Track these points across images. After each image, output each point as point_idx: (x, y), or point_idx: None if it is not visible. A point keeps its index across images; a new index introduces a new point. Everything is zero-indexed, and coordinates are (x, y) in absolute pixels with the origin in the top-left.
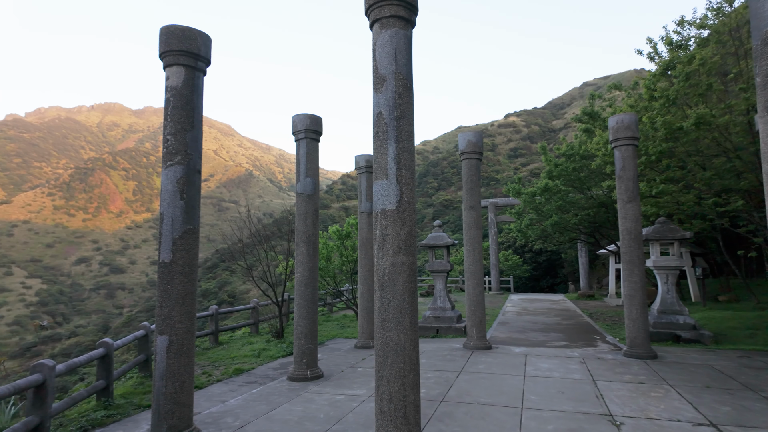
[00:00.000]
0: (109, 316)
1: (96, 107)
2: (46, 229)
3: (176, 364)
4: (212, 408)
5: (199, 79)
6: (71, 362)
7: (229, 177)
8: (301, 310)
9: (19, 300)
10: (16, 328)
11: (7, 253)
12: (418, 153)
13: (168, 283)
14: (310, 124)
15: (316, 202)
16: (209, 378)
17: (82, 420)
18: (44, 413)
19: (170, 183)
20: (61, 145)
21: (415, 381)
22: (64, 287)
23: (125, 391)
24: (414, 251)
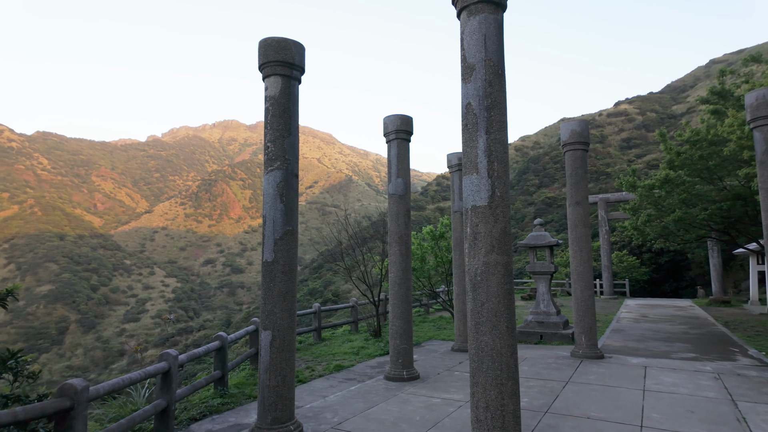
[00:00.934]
0: (231, 312)
1: (217, 125)
2: (179, 235)
3: (278, 358)
4: (313, 403)
5: (294, 88)
6: (191, 353)
7: (331, 183)
8: (395, 310)
9: (160, 296)
10: (158, 321)
11: (151, 255)
12: (517, 149)
13: (270, 281)
14: (400, 125)
15: (408, 202)
16: (312, 373)
17: (201, 406)
18: (170, 397)
19: (271, 187)
20: (190, 160)
21: (514, 389)
22: (195, 285)
23: (238, 382)
24: (509, 250)
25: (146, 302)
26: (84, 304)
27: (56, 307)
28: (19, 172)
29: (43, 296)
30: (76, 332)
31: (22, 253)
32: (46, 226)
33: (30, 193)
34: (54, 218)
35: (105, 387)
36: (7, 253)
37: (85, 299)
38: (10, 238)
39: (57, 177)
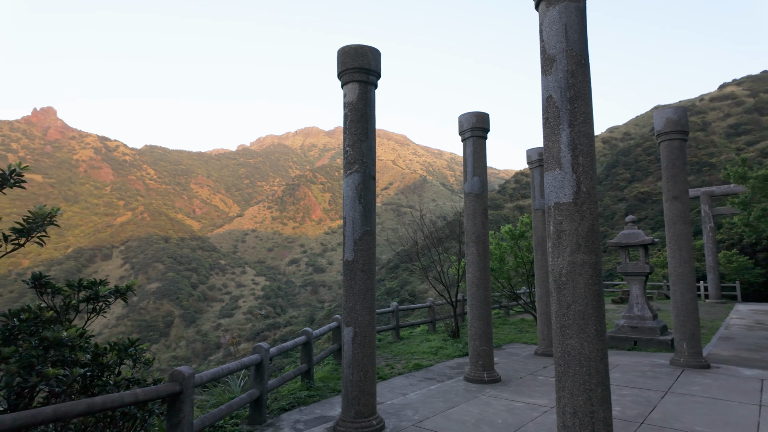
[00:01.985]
0: (314, 309)
1: (299, 132)
2: (267, 236)
3: (360, 354)
4: (394, 400)
5: (371, 92)
6: (281, 346)
7: (405, 184)
8: (474, 311)
9: (250, 294)
10: (249, 317)
11: (242, 256)
12: (605, 141)
13: (351, 279)
14: (476, 122)
15: (485, 201)
16: (392, 370)
17: (290, 397)
18: (263, 387)
19: (350, 189)
20: (276, 167)
21: (605, 396)
22: (281, 284)
23: (323, 376)
24: (597, 249)
25: (239, 299)
26: (186, 300)
27: (163, 303)
28: (131, 182)
29: (152, 293)
30: (179, 326)
31: (135, 254)
32: (153, 230)
33: (140, 200)
34: (160, 223)
35: (207, 375)
36: (123, 254)
37: (187, 296)
38: (125, 240)
39: (162, 185)
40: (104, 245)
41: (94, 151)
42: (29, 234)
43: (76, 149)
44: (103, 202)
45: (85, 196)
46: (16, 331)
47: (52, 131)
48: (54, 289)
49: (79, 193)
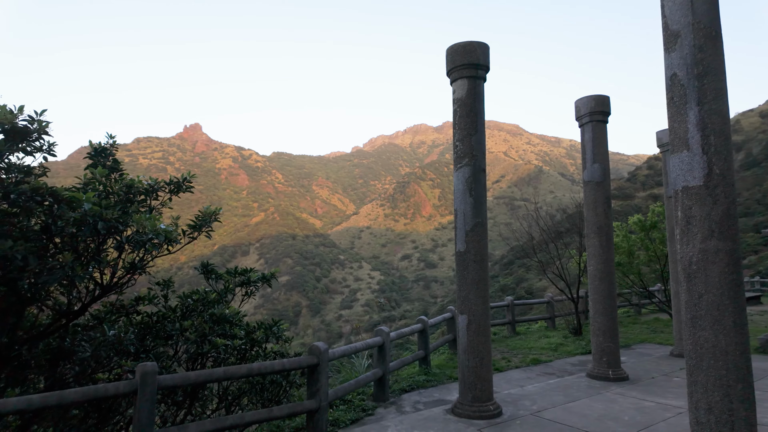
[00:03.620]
0: (427, 304)
1: (408, 130)
2: (380, 233)
3: (475, 341)
4: (511, 390)
5: (480, 87)
6: (399, 331)
7: (519, 176)
8: (596, 306)
9: (367, 287)
10: (367, 309)
11: (359, 251)
12: (763, 116)
13: (464, 269)
14: (594, 106)
15: (607, 189)
16: (508, 363)
17: (409, 380)
18: (385, 368)
19: (461, 183)
20: (387, 166)
21: (747, 394)
22: (395, 278)
23: (439, 363)
24: (735, 236)
25: (357, 292)
26: (311, 292)
27: (292, 294)
28: (263, 186)
29: (283, 285)
30: (306, 315)
31: (268, 250)
32: (283, 228)
33: (271, 202)
34: (288, 222)
35: (338, 351)
36: (258, 251)
37: (312, 288)
38: (260, 238)
39: (288, 188)
40: (243, 243)
41: (232, 160)
42: (200, 229)
43: (218, 159)
44: (241, 204)
45: (226, 200)
46: (190, 309)
47: (199, 144)
48: (216, 275)
49: (222, 198)
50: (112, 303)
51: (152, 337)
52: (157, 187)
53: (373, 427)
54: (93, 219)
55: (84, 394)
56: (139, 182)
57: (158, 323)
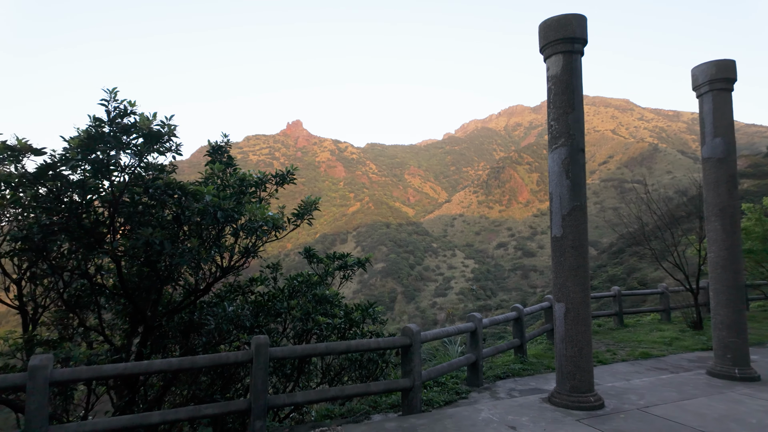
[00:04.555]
0: (525, 294)
1: (502, 113)
2: (474, 220)
3: (573, 330)
4: (615, 383)
5: (576, 62)
6: (492, 318)
7: (630, 156)
8: (718, 297)
9: (461, 275)
10: (461, 297)
11: (451, 239)
12: None
13: (560, 255)
14: (715, 73)
15: (731, 166)
16: (614, 356)
17: (504, 367)
18: (478, 353)
19: (556, 164)
20: (479, 151)
21: None
22: (490, 267)
23: (536, 353)
24: None
25: (451, 280)
26: (406, 279)
27: (387, 281)
28: (358, 177)
29: (378, 272)
30: (401, 301)
31: (364, 238)
32: (377, 217)
33: (366, 192)
34: (382, 211)
35: (431, 334)
36: (355, 239)
37: (406, 275)
38: (356, 227)
39: (382, 178)
40: (341, 231)
41: (330, 153)
42: (302, 216)
43: (317, 153)
44: (338, 195)
45: (325, 191)
46: (296, 290)
47: (300, 139)
48: (318, 259)
49: (321, 189)
50: (230, 283)
51: (264, 314)
52: (265, 179)
53: (466, 410)
54: (213, 209)
55: (210, 360)
56: (249, 176)
57: (269, 302)
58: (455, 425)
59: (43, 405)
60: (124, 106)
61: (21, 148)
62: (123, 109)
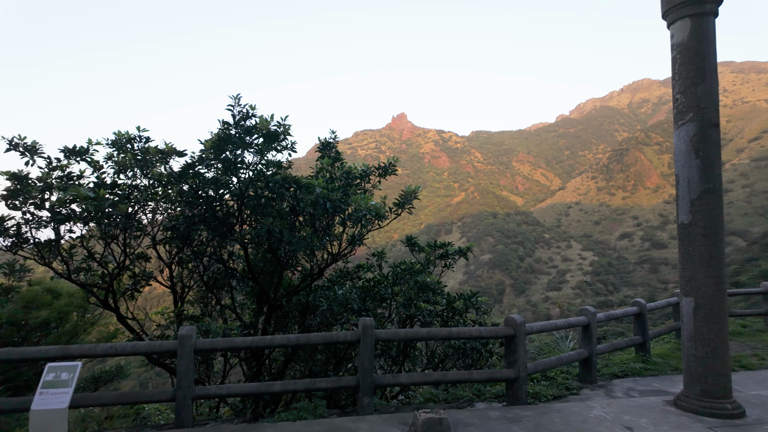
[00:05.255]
0: (654, 290)
1: (625, 89)
2: (592, 209)
3: (704, 328)
4: (761, 391)
5: (707, 25)
6: (609, 313)
7: None
8: None
9: (578, 268)
10: (578, 291)
11: (566, 229)
12: None
13: (688, 244)
14: None
15: None
16: (761, 362)
17: (622, 366)
18: (591, 349)
19: (683, 143)
20: (598, 132)
21: None
22: (612, 260)
23: (662, 352)
24: None
25: (565, 273)
26: (515, 271)
27: (495, 273)
28: (463, 166)
29: (485, 263)
30: (510, 294)
31: (469, 228)
32: (483, 207)
33: (471, 181)
34: (488, 200)
35: (537, 326)
36: (460, 230)
37: (515, 267)
38: (461, 217)
39: (488, 166)
40: (446, 222)
41: (433, 144)
42: (403, 206)
43: (421, 144)
44: (443, 185)
45: (430, 182)
46: (399, 277)
47: (405, 132)
48: (419, 247)
49: (426, 180)
50: (340, 269)
51: (371, 299)
52: (369, 171)
53: (576, 406)
54: (323, 200)
55: (323, 338)
56: (354, 168)
57: (375, 287)
58: (563, 420)
59: (189, 368)
60: (246, 110)
61: (168, 151)
62: (245, 112)
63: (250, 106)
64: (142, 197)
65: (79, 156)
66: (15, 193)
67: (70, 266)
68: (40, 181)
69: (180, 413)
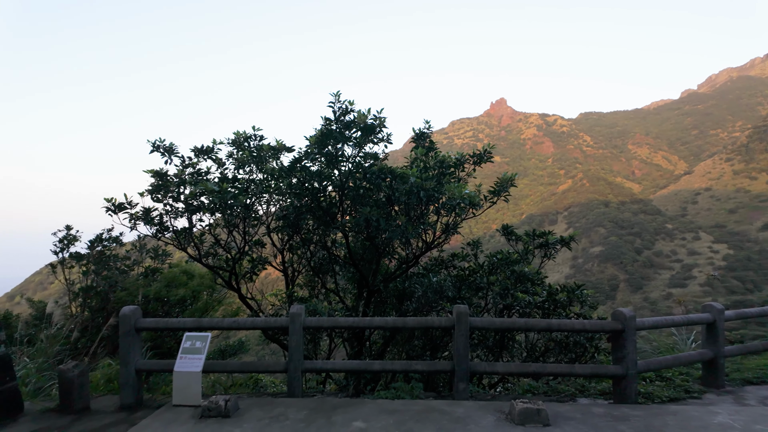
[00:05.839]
0: None
1: None
2: (726, 195)
3: None
4: None
5: None
6: (741, 311)
7: None
8: None
9: (707, 263)
10: (707, 289)
11: (693, 219)
12: None
13: None
14: None
15: None
16: None
17: (758, 371)
18: (717, 350)
19: None
20: (735, 108)
21: None
22: (752, 254)
23: None
24: None
25: (692, 268)
26: (630, 265)
27: (607, 266)
28: (569, 151)
29: (596, 256)
30: (624, 290)
31: (577, 218)
32: (593, 195)
33: (579, 167)
34: (599, 188)
35: (648, 321)
36: (566, 220)
37: (631, 261)
38: (568, 206)
39: (598, 150)
40: (549, 212)
41: (536, 129)
42: (499, 194)
43: (522, 129)
44: (546, 173)
45: (531, 169)
46: (495, 266)
47: (504, 118)
48: (516, 236)
49: (527, 168)
50: (435, 258)
51: (466, 288)
52: (463, 160)
53: (696, 410)
54: (417, 189)
55: (418, 322)
56: (448, 157)
57: (470, 276)
58: (679, 423)
59: (299, 343)
60: (345, 106)
61: (278, 147)
62: (344, 108)
63: (348, 101)
64: (257, 190)
65: (206, 154)
66: (158, 188)
67: (201, 251)
68: (176, 177)
69: (291, 384)
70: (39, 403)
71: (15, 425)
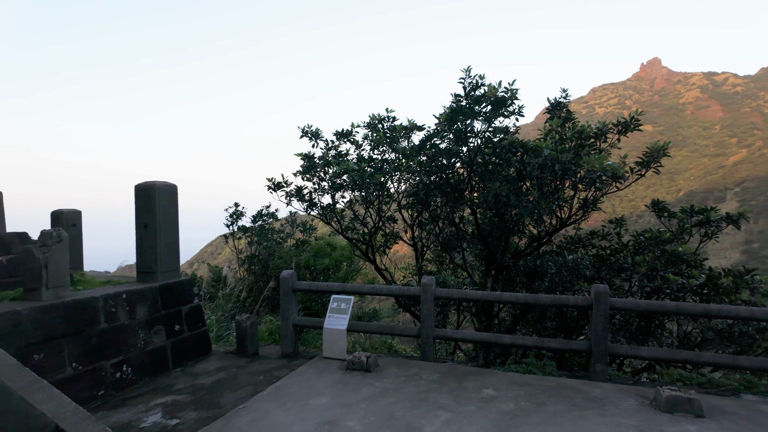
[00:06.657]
0: None
1: None
2: None
3: None
4: None
5: None
6: None
7: None
8: None
9: None
10: None
11: None
12: None
13: None
14: None
15: None
16: None
17: None
18: None
19: None
20: None
21: None
22: None
23: None
24: None
25: None
26: None
27: None
28: (744, 116)
29: None
30: None
31: (752, 195)
32: None
33: (757, 134)
34: None
35: None
36: (739, 197)
37: None
38: (740, 181)
39: None
40: (715, 187)
41: (699, 91)
42: (648, 165)
43: (681, 93)
44: (712, 142)
45: (693, 138)
46: (642, 246)
47: (658, 80)
48: (669, 213)
49: (687, 137)
50: (570, 236)
51: (607, 269)
52: (605, 129)
53: None
54: (551, 162)
55: (551, 300)
56: (588, 127)
57: (611, 256)
58: None
59: (431, 312)
60: (475, 81)
61: (410, 127)
62: (475, 83)
63: (479, 75)
64: (390, 168)
65: (345, 137)
66: (307, 169)
67: (342, 225)
68: (320, 159)
69: (424, 348)
70: (221, 347)
71: (207, 361)
